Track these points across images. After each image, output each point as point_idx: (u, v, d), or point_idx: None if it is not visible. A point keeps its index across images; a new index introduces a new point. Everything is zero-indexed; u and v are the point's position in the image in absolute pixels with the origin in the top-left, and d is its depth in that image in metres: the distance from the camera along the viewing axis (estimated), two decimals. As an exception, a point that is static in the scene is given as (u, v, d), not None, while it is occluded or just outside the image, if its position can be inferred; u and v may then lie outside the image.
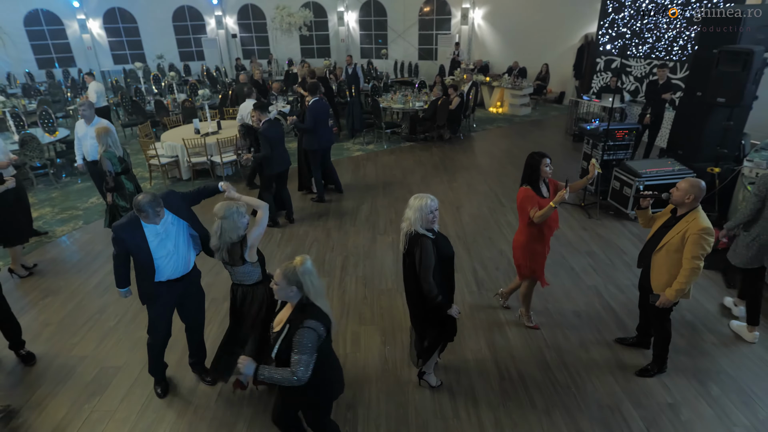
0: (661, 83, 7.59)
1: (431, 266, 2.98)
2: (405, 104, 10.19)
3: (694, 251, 3.05)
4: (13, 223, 5.07)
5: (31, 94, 12.90)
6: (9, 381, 3.75)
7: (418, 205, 2.98)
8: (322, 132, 6.64)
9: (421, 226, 3.00)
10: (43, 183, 8.07)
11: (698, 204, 3.15)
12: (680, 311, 4.40)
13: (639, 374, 3.65)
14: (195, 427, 3.29)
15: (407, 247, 3.07)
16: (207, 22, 18.26)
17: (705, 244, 3.04)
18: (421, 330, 3.32)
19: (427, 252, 2.96)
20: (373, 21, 17.72)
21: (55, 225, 6.54)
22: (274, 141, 5.82)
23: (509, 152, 9.42)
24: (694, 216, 3.11)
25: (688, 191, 3.10)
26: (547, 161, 3.69)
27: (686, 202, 3.13)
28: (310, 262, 2.41)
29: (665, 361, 3.63)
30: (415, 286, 3.12)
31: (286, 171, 6.18)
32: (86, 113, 5.81)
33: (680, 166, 6.18)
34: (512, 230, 6.06)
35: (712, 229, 3.06)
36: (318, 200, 7.08)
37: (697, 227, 3.05)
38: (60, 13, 16.55)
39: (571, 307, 4.52)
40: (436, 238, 3.05)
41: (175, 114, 9.86)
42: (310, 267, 2.39)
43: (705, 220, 3.07)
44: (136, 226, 3.04)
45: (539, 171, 3.69)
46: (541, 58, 13.42)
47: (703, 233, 3.03)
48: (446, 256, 3.12)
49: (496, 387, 3.58)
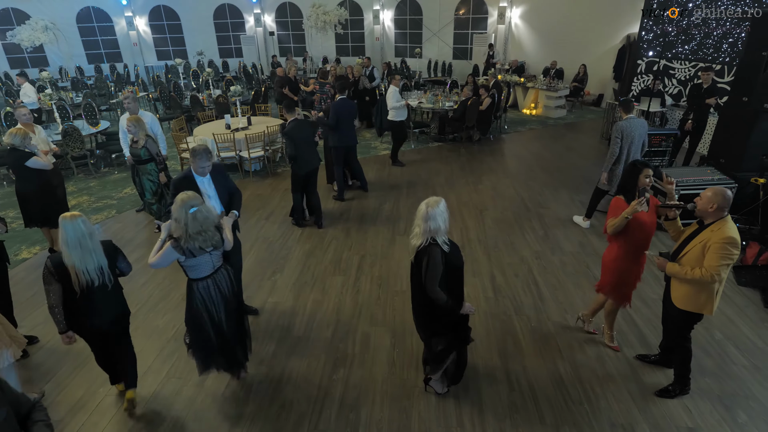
0: (706, 87, 7.17)
1: (438, 276, 2.90)
2: (435, 104, 10.08)
3: (714, 260, 2.88)
4: (54, 205, 5.36)
5: (79, 88, 13.55)
6: (35, 361, 3.93)
7: (434, 212, 2.85)
8: (345, 130, 6.66)
9: (444, 233, 2.91)
10: (83, 172, 8.46)
11: (725, 213, 2.96)
12: (711, 330, 4.15)
13: (659, 394, 3.45)
14: (200, 417, 3.35)
15: (416, 257, 2.99)
16: (246, 19, 18.71)
17: (726, 255, 2.86)
18: (427, 339, 3.26)
19: (435, 261, 2.88)
20: (408, 20, 17.65)
21: (91, 213, 6.83)
22: (299, 141, 5.71)
23: (540, 156, 9.16)
24: (720, 225, 2.94)
25: (711, 200, 2.93)
26: (648, 172, 3.44)
27: (710, 211, 2.96)
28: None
29: (688, 382, 3.42)
30: (420, 294, 3.06)
31: (313, 172, 6.03)
32: (130, 106, 6.02)
33: (720, 175, 5.83)
34: (536, 237, 5.89)
35: (737, 240, 2.86)
36: (338, 198, 7.11)
37: (721, 236, 2.88)
38: (109, 10, 17.37)
39: (593, 319, 4.32)
40: (449, 251, 2.94)
41: (209, 109, 10.13)
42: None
43: (731, 230, 2.89)
44: (190, 180, 3.69)
45: (637, 181, 3.46)
46: (580, 58, 12.98)
47: (727, 242, 2.85)
48: (455, 266, 3.03)
49: (505, 398, 3.48)
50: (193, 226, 2.99)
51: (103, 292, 3.05)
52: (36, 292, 4.92)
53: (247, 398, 3.52)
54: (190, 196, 3.00)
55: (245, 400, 3.51)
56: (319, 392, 3.56)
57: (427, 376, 3.50)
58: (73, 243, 2.88)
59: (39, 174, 5.18)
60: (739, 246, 2.87)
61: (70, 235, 2.86)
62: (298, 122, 5.86)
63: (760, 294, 4.64)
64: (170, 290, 4.91)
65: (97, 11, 17.24)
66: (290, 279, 5.05)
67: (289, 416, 3.35)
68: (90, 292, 2.98)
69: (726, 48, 8.49)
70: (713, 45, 8.70)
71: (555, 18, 14.02)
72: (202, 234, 3.03)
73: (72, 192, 7.53)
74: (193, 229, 2.99)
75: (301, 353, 3.97)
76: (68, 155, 8.03)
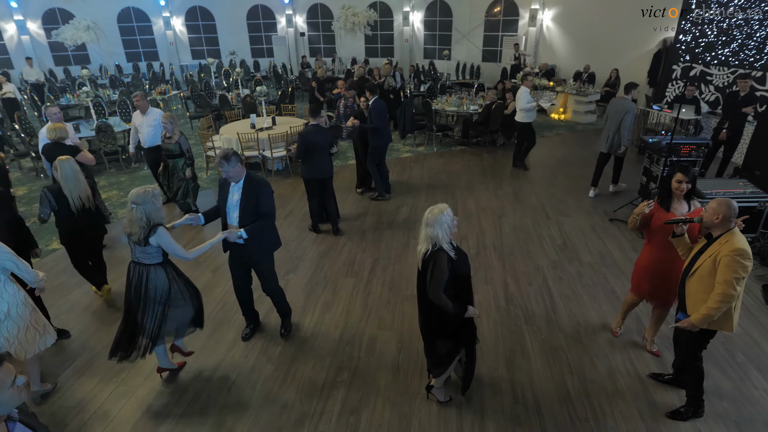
0: (743, 95, 6.86)
1: (443, 281, 2.88)
2: (459, 107, 10.00)
3: (726, 274, 2.77)
4: None
5: (116, 85, 14.10)
6: (54, 349, 4.11)
7: (439, 218, 2.85)
8: (386, 128, 6.85)
9: (448, 240, 2.90)
10: (115, 168, 8.79)
11: (732, 225, 2.86)
12: (732, 352, 3.97)
13: (670, 416, 3.32)
14: (204, 411, 3.43)
15: (423, 263, 2.98)
16: (278, 20, 19.02)
17: (739, 267, 2.74)
18: (431, 341, 3.25)
19: (441, 267, 2.87)
20: (438, 21, 17.56)
21: (119, 207, 7.10)
22: (311, 146, 5.67)
23: (565, 162, 8.95)
24: (728, 238, 2.83)
25: (717, 210, 2.83)
26: (679, 176, 3.39)
27: (716, 222, 2.85)
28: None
29: (701, 404, 3.28)
30: (426, 299, 3.05)
31: (327, 180, 5.99)
32: (141, 104, 6.27)
33: (753, 188, 5.56)
34: (554, 246, 5.76)
35: (747, 251, 2.74)
36: (379, 197, 7.22)
37: (730, 248, 2.76)
38: (148, 10, 17.97)
39: (606, 334, 4.21)
40: (456, 259, 2.93)
41: (237, 108, 10.36)
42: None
43: (740, 242, 2.78)
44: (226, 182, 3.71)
45: (669, 185, 3.45)
46: (613, 62, 12.59)
47: (736, 254, 2.74)
48: (462, 274, 3.01)
49: (508, 410, 3.42)
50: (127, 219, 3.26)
51: (88, 213, 4.36)
52: (63, 281, 5.15)
53: (252, 395, 3.58)
54: (139, 192, 3.17)
55: (250, 396, 3.57)
56: (322, 393, 3.59)
57: (430, 383, 3.48)
58: (69, 177, 4.13)
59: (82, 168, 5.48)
60: (750, 257, 2.76)
61: (67, 172, 4.14)
62: (318, 128, 5.84)
63: (789, 315, 4.40)
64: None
65: (136, 11, 17.88)
66: (303, 279, 5.11)
67: (290, 415, 3.40)
68: (79, 213, 4.27)
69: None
70: (756, 47, 8.29)
71: (588, 20, 13.66)
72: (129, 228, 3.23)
73: (103, 186, 7.84)
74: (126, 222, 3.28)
75: (307, 354, 4.01)
76: (101, 150, 8.37)
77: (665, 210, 3.49)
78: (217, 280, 5.15)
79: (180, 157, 6.13)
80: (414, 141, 10.25)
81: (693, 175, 3.40)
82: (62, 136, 5.43)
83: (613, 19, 12.82)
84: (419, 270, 3.05)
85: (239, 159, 3.56)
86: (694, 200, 3.50)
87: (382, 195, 7.23)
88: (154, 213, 3.18)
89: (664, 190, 3.53)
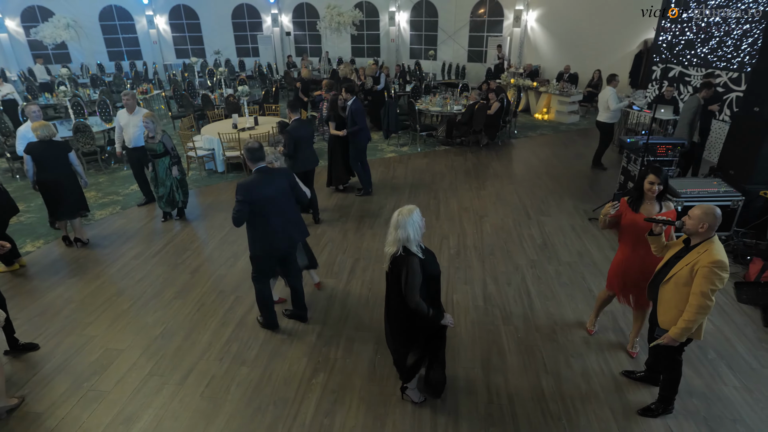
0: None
1: (417, 286, 2.88)
2: (443, 107, 10.02)
3: (703, 286, 2.74)
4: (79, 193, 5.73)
5: (97, 84, 13.88)
6: (24, 354, 4.03)
7: (409, 220, 2.84)
8: (366, 128, 6.92)
9: (418, 241, 2.90)
10: (94, 168, 8.65)
11: (713, 234, 2.82)
12: (705, 349, 4.02)
13: (641, 413, 3.36)
14: (177, 415, 3.39)
15: (392, 267, 2.97)
16: (264, 19, 18.90)
17: (716, 279, 2.72)
18: (404, 348, 3.24)
19: (414, 272, 2.86)
20: (424, 21, 17.59)
21: (96, 209, 6.98)
22: (300, 140, 5.87)
23: (548, 162, 9.02)
24: (707, 247, 2.79)
25: (702, 219, 2.78)
26: (651, 178, 3.37)
27: (700, 231, 2.81)
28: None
29: (672, 402, 3.32)
30: (398, 304, 3.03)
31: (311, 171, 6.26)
32: (129, 102, 6.18)
33: (727, 187, 5.65)
34: (534, 245, 5.80)
35: (725, 262, 2.72)
36: (365, 194, 7.31)
37: (709, 259, 2.73)
38: (131, 9, 17.74)
39: (581, 332, 4.24)
40: (425, 258, 2.94)
41: (220, 108, 10.26)
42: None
43: (719, 253, 2.74)
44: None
45: (642, 186, 3.45)
46: (596, 63, 12.73)
47: (715, 266, 2.71)
48: (432, 275, 3.01)
49: (482, 410, 3.42)
50: None
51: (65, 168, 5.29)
52: (35, 285, 5.05)
53: (226, 398, 3.55)
54: None
55: (224, 399, 3.53)
56: (296, 395, 3.56)
57: (403, 384, 3.47)
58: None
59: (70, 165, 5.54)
60: (728, 269, 2.73)
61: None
62: (301, 122, 5.96)
63: (760, 312, 4.47)
64: (163, 288, 4.98)
65: (119, 9, 17.62)
66: (282, 281, 5.07)
67: (264, 418, 3.37)
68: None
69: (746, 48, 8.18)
70: (734, 44, 8.41)
71: (571, 22, 13.79)
72: None
73: (81, 187, 7.70)
74: None
75: (283, 355, 3.98)
76: (79, 151, 8.23)
77: (633, 211, 3.50)
78: (195, 281, 5.09)
79: (165, 156, 6.05)
80: (398, 141, 10.25)
81: (665, 177, 3.42)
82: (52, 133, 5.36)
83: (596, 20, 12.96)
84: (387, 272, 3.03)
85: None
86: (666, 201, 3.52)
87: (368, 192, 7.30)
88: None
89: (636, 191, 3.53)
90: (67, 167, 5.47)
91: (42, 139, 5.27)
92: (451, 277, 5.10)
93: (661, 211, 3.46)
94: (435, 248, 5.70)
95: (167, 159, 6.10)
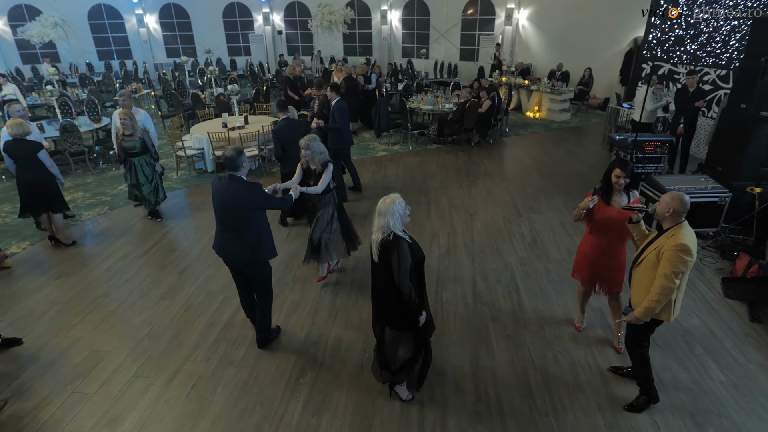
0: (692, 90, 7.09)
1: (408, 267, 2.92)
2: (435, 106, 10.01)
3: (666, 268, 2.85)
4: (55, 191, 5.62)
5: (86, 84, 13.75)
6: (7, 357, 3.98)
7: (391, 208, 2.90)
8: (347, 130, 6.75)
9: (401, 228, 2.94)
10: (82, 168, 8.56)
11: (682, 219, 2.92)
12: (691, 344, 4.04)
13: (627, 409, 3.37)
14: (162, 417, 3.35)
15: (380, 253, 2.97)
16: (255, 18, 18.81)
17: (679, 263, 2.81)
18: (387, 340, 3.24)
19: (405, 253, 2.91)
20: (416, 20, 17.58)
21: (84, 209, 6.91)
22: (286, 141, 5.72)
23: (538, 160, 9.04)
24: (674, 232, 2.89)
25: (669, 204, 2.89)
26: (618, 172, 3.48)
27: (667, 215, 2.92)
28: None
29: (652, 391, 3.36)
30: (388, 293, 3.03)
31: None
32: (125, 103, 6.11)
33: (714, 183, 5.68)
34: (524, 243, 5.80)
35: (689, 247, 2.81)
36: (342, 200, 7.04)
37: (673, 243, 2.83)
38: (120, 8, 17.58)
39: (570, 329, 4.25)
40: (411, 242, 2.99)
41: (210, 107, 10.19)
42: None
43: (685, 237, 2.84)
44: None
45: (609, 179, 3.56)
46: (587, 61, 12.78)
47: (678, 249, 2.81)
48: (418, 261, 3.04)
49: (470, 407, 3.42)
50: None
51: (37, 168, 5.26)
52: (20, 287, 4.99)
53: (212, 399, 3.52)
54: None
55: (210, 400, 3.50)
56: (284, 395, 3.54)
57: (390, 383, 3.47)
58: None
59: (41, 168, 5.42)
60: (692, 253, 2.82)
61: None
62: (289, 121, 5.87)
63: (747, 308, 4.50)
64: (151, 288, 4.93)
65: (108, 8, 17.45)
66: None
67: (251, 418, 3.34)
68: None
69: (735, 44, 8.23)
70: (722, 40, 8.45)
71: (563, 20, 13.83)
72: None
73: (68, 188, 7.63)
74: None
75: (271, 355, 3.96)
76: (66, 151, 8.15)
77: (605, 203, 3.58)
78: (183, 282, 5.05)
79: (143, 155, 5.97)
80: (390, 140, 10.23)
81: (631, 169, 3.51)
82: (25, 131, 5.27)
83: (586, 17, 13.01)
84: (375, 261, 3.02)
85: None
86: (632, 191, 3.61)
87: (344, 198, 6.99)
88: None
89: (604, 183, 3.61)
90: (40, 165, 5.35)
91: (15, 137, 5.21)
92: (441, 276, 5.09)
93: (631, 201, 3.56)
94: (425, 246, 5.69)
95: (145, 158, 5.99)
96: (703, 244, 5.64)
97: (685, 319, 4.36)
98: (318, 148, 4.35)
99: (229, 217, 3.56)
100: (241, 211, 3.52)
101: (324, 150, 4.42)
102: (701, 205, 5.56)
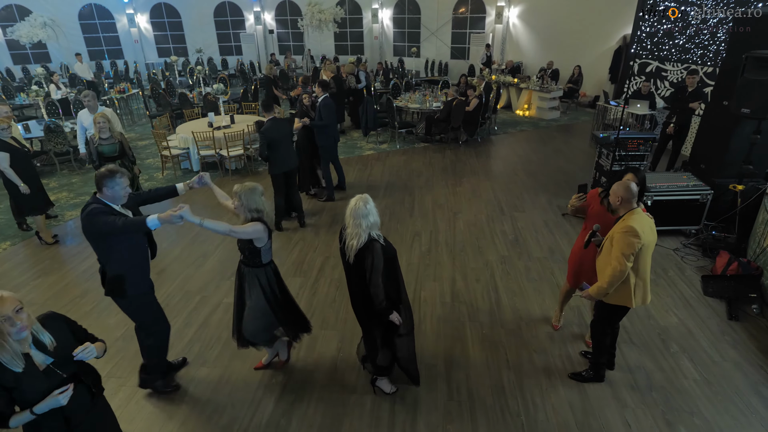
0: (690, 90, 7.01)
1: (381, 269, 2.94)
2: (422, 104, 9.99)
3: (615, 250, 3.00)
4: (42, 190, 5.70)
5: (75, 84, 13.68)
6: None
7: (368, 210, 2.90)
8: (334, 127, 6.74)
9: (377, 229, 2.96)
10: (67, 168, 8.51)
11: (633, 205, 3.03)
12: (667, 342, 4.03)
13: (570, 376, 3.63)
14: (132, 418, 3.33)
15: (356, 257, 2.95)
16: (246, 17, 18.75)
17: (625, 244, 2.93)
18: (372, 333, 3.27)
19: (379, 256, 2.92)
20: (407, 18, 17.55)
21: (68, 209, 6.87)
22: (273, 141, 5.61)
23: (526, 158, 9.02)
24: (626, 218, 3.02)
25: (617, 193, 3.06)
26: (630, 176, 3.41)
27: (618, 204, 3.07)
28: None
29: (601, 369, 3.55)
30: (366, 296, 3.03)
31: (292, 171, 6.01)
32: (90, 103, 6.06)
33: (696, 181, 5.68)
34: (505, 241, 5.79)
35: (636, 228, 2.90)
36: (328, 199, 7.03)
37: (621, 226, 2.97)
38: (111, 7, 17.49)
39: (547, 328, 4.23)
40: (385, 244, 3.00)
41: (198, 107, 10.15)
42: None
43: (632, 220, 2.95)
44: None
45: None
46: (576, 59, 12.78)
47: (625, 231, 2.93)
48: (390, 256, 3.05)
49: (441, 406, 3.40)
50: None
51: None
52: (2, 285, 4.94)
53: (183, 399, 3.50)
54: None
55: (180, 401, 3.48)
56: (255, 396, 3.52)
57: (373, 376, 3.46)
58: None
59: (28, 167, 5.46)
60: (638, 234, 2.89)
61: None
62: (276, 121, 5.76)
63: (725, 305, 4.49)
64: (128, 289, 4.89)
65: (99, 8, 17.37)
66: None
67: (220, 419, 3.32)
68: None
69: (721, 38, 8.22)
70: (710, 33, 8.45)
71: (552, 18, 13.82)
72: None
73: (53, 188, 7.58)
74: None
75: (245, 355, 3.92)
76: (51, 151, 8.10)
77: (601, 204, 3.55)
78: (161, 282, 5.01)
79: (120, 159, 5.82)
80: (377, 138, 10.20)
81: (642, 177, 3.45)
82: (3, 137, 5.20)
83: (576, 15, 13.01)
84: (350, 264, 3.00)
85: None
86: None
87: (331, 198, 7.02)
88: None
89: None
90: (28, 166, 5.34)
91: None
92: (420, 274, 5.08)
93: None
94: (406, 245, 5.67)
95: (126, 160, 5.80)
96: (685, 242, 5.64)
97: (662, 316, 4.36)
98: (251, 204, 3.17)
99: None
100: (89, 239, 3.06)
101: (259, 208, 3.20)
102: (683, 202, 5.56)
